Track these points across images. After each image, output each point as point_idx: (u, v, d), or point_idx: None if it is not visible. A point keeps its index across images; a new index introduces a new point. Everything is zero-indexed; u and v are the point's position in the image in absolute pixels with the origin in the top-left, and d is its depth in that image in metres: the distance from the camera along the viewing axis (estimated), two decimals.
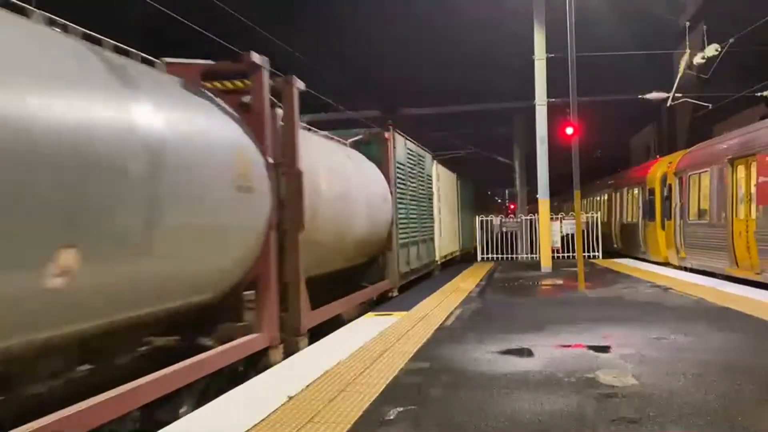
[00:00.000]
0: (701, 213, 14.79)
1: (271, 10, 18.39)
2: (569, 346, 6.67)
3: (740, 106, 20.88)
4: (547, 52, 16.25)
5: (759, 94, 17.21)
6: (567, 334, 7.33)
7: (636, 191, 20.62)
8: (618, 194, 23.31)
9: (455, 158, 30.38)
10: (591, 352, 6.32)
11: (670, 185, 17.30)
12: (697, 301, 9.89)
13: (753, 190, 12.04)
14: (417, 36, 21.91)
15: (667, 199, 17.40)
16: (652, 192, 18.70)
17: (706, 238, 14.34)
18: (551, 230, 17.50)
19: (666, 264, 17.15)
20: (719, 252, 13.45)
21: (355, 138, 12.18)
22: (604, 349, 6.42)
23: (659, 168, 18.62)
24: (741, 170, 12.78)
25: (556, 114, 16.35)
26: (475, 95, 27.01)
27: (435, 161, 18.13)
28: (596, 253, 20.31)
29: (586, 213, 20.98)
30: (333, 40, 21.96)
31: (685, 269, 15.40)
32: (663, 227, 17.65)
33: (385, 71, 24.50)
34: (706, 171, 14.52)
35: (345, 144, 11.29)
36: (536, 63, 16.39)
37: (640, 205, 19.82)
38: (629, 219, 21.07)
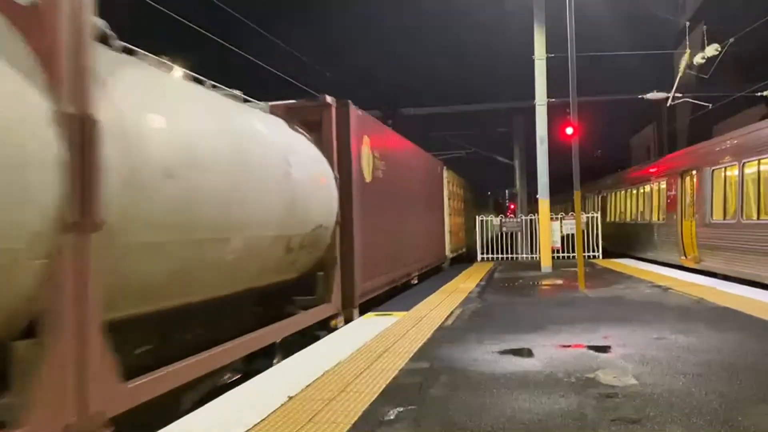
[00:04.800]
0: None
1: (271, 9, 18.40)
2: (569, 346, 6.67)
3: (740, 106, 20.89)
4: (547, 52, 16.24)
5: (759, 94, 17.21)
6: (567, 334, 7.32)
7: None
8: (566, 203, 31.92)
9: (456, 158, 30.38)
10: (591, 352, 6.32)
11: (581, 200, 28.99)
12: (697, 301, 9.89)
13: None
14: (418, 36, 21.95)
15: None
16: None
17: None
18: (551, 230, 17.50)
19: None
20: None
21: None
22: (605, 349, 6.42)
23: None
24: (601, 199, 26.57)
25: (556, 114, 16.36)
26: (475, 95, 27.04)
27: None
28: (596, 253, 20.32)
29: (586, 213, 21.02)
30: (334, 40, 21.98)
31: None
32: None
33: (385, 71, 24.52)
34: (594, 195, 27.67)
35: None
36: (536, 63, 16.36)
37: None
38: None
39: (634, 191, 21.52)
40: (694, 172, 15.98)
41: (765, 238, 11.92)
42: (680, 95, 18.82)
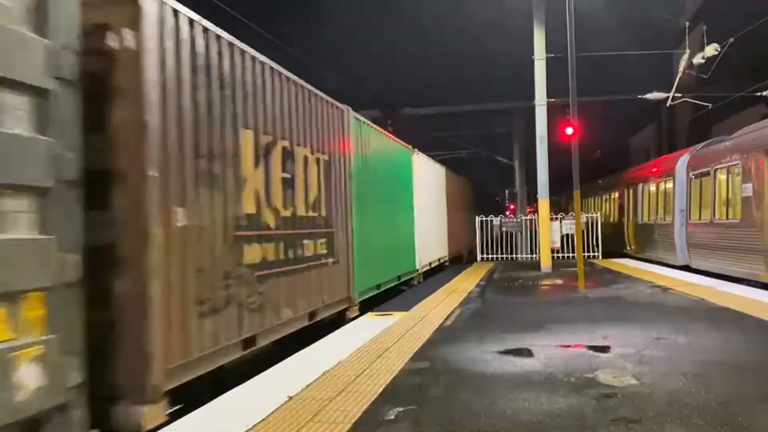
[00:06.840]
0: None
1: (271, 8, 18.38)
2: (569, 346, 6.67)
3: (740, 106, 20.89)
4: (547, 52, 16.23)
5: (759, 94, 17.20)
6: (567, 334, 7.33)
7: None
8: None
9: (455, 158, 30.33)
10: (591, 352, 6.32)
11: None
12: (697, 301, 9.89)
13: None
14: (417, 36, 21.89)
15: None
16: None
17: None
18: (551, 230, 17.50)
19: None
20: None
21: None
22: (604, 349, 6.42)
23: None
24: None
25: (556, 114, 16.33)
26: (475, 95, 26.96)
27: None
28: (596, 253, 20.33)
29: (587, 214, 21.05)
30: (333, 39, 21.96)
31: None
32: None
33: (385, 71, 24.44)
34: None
35: None
36: (536, 63, 16.34)
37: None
38: None
39: (602, 197, 27.43)
40: (633, 185, 21.36)
41: (667, 233, 17.26)
42: (680, 95, 18.80)
